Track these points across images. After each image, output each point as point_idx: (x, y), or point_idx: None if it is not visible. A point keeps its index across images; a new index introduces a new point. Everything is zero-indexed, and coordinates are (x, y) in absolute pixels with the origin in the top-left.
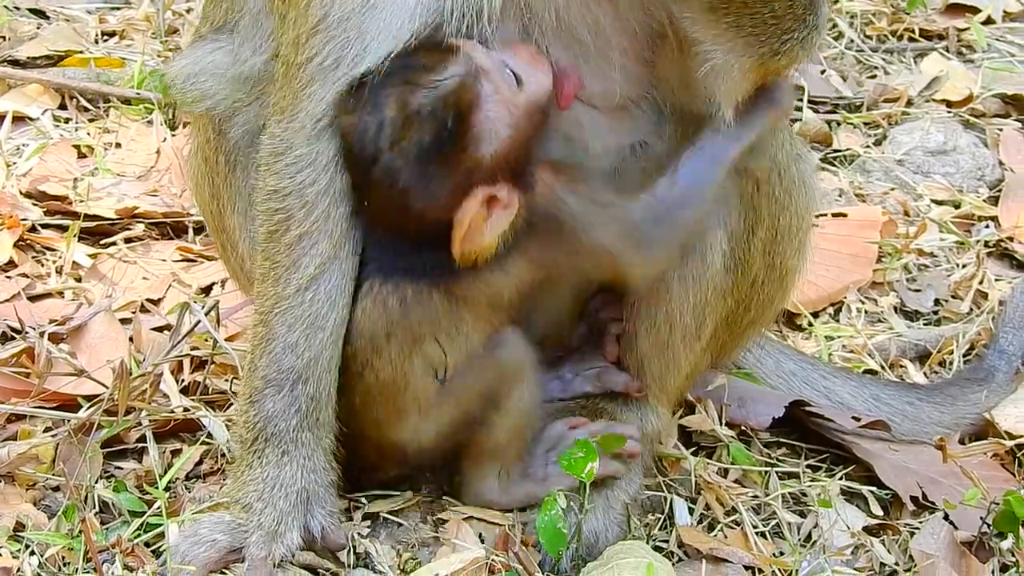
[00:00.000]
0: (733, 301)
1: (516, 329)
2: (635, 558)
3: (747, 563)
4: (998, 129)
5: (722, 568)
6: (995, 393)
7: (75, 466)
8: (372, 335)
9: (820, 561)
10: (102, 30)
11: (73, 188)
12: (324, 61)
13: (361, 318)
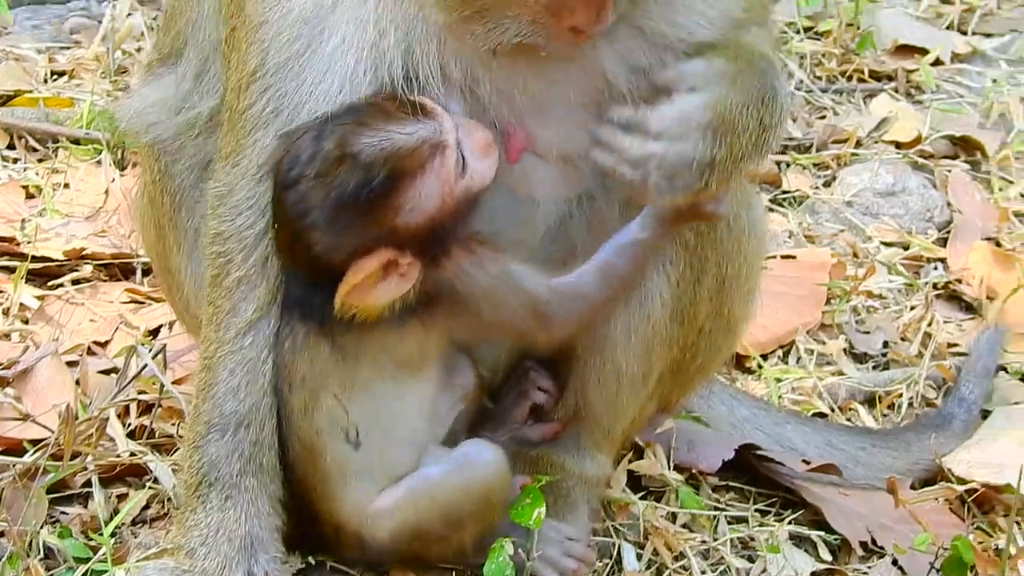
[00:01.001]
0: (679, 349)
1: (490, 439)
2: None
3: None
4: (947, 171)
5: None
6: (950, 439)
7: (20, 511)
8: (279, 384)
9: None
10: (51, 69)
11: (21, 229)
12: (264, 109)
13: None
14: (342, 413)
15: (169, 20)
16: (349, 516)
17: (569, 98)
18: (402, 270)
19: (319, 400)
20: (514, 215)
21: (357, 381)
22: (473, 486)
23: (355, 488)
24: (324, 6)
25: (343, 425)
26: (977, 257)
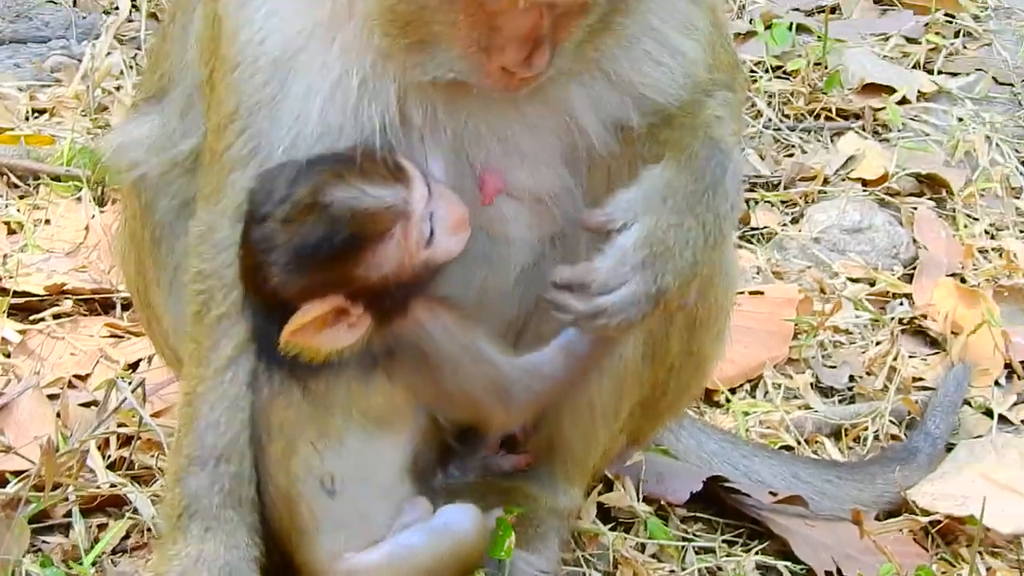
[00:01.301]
0: (650, 386)
1: (469, 507)
2: None
3: None
4: (912, 208)
5: None
6: (915, 472)
7: (1, 541)
8: (258, 430)
9: None
10: (32, 107)
11: (2, 264)
12: (242, 149)
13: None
14: (318, 461)
15: (155, 61)
16: (322, 570)
17: (542, 141)
18: (351, 320)
19: (296, 447)
20: (488, 256)
21: (331, 430)
22: (454, 553)
23: (330, 539)
24: (292, 49)
25: (318, 473)
26: (942, 293)
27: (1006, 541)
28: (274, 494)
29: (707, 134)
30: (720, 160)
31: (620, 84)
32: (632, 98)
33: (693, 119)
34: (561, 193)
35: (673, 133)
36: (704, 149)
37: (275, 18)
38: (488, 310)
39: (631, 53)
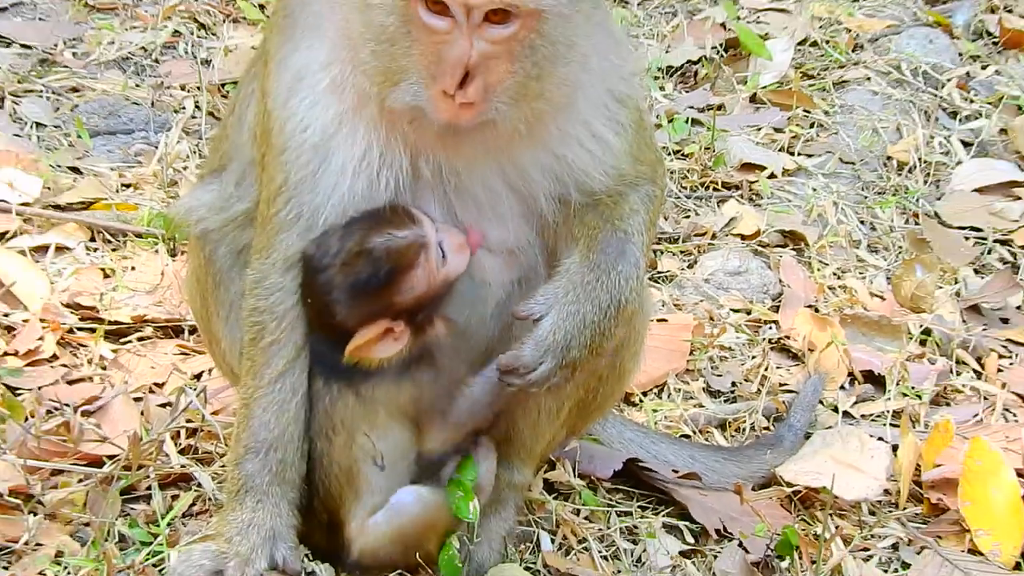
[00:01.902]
0: (584, 392)
1: (411, 489)
2: None
3: None
4: (779, 256)
5: None
6: (781, 455)
7: (100, 508)
8: (323, 428)
9: None
10: (121, 183)
11: (99, 300)
12: (288, 215)
13: (318, 415)
14: (371, 446)
15: (216, 144)
16: (359, 525)
17: (510, 207)
18: (396, 335)
19: (355, 437)
20: (472, 294)
21: (378, 422)
22: (413, 523)
23: (373, 501)
24: (328, 134)
25: (372, 454)
26: (801, 320)
27: (850, 506)
28: (338, 472)
29: (616, 225)
30: (620, 247)
31: (562, 166)
32: (571, 178)
33: (611, 209)
34: (525, 246)
35: (591, 220)
36: (609, 240)
37: (315, 108)
38: (472, 334)
39: (568, 141)
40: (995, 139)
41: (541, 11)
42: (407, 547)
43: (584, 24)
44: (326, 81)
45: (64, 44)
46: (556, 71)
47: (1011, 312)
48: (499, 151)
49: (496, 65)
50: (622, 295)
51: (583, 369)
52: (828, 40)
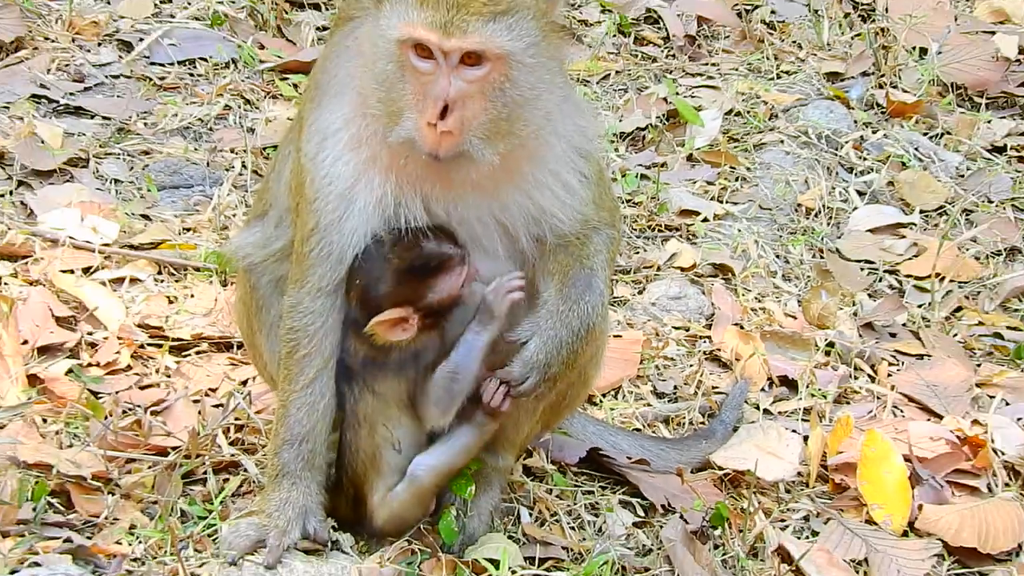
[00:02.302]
0: (556, 395)
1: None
2: (496, 544)
3: (564, 545)
4: (711, 284)
5: (549, 550)
6: (714, 444)
7: (165, 489)
8: (351, 423)
9: (607, 544)
10: (182, 227)
11: (165, 322)
12: (320, 252)
13: (346, 413)
14: (389, 434)
15: (260, 194)
16: (380, 499)
17: (497, 244)
18: (408, 325)
19: (375, 428)
20: (465, 315)
21: (392, 414)
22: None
23: (392, 479)
24: (350, 183)
25: (391, 441)
26: (729, 335)
27: (769, 485)
28: (363, 456)
29: (583, 264)
30: (588, 281)
31: (536, 208)
32: (544, 220)
33: (579, 249)
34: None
35: (563, 259)
36: (578, 275)
37: (338, 163)
38: None
39: (541, 187)
40: (884, 189)
41: (506, 55)
42: (421, 509)
43: (550, 90)
44: (346, 138)
45: (137, 116)
46: (523, 114)
47: (898, 328)
48: (488, 193)
49: (472, 102)
50: (590, 320)
51: (561, 380)
52: (749, 111)
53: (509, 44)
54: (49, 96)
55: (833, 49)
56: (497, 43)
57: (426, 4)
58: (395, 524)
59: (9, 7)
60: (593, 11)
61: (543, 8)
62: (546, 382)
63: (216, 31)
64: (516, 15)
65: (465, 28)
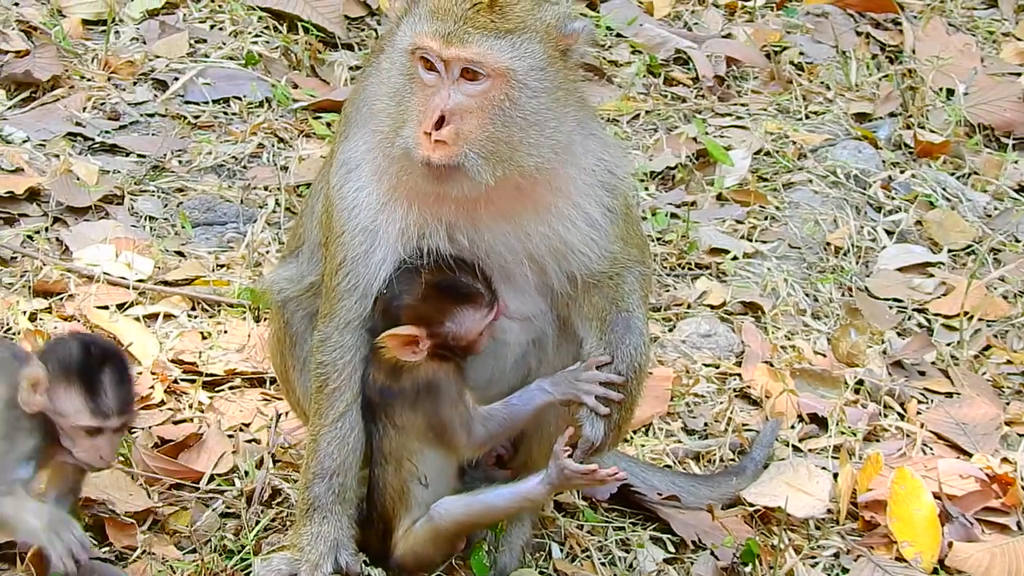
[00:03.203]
0: None
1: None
2: None
3: None
4: (741, 322)
5: None
6: (744, 481)
7: (199, 523)
8: (379, 459)
9: None
10: (216, 264)
11: (199, 357)
12: (348, 285)
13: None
14: (414, 468)
15: (294, 230)
16: (400, 532)
17: (527, 281)
18: (418, 348)
19: (401, 463)
20: (492, 351)
21: (414, 448)
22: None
23: (417, 514)
24: (373, 214)
25: (417, 475)
26: (759, 373)
27: (800, 522)
28: (391, 491)
29: (619, 306)
30: (626, 323)
31: (559, 241)
32: (571, 256)
33: (614, 291)
34: (539, 315)
35: (597, 302)
36: (616, 320)
37: (361, 193)
38: (493, 386)
39: (565, 221)
40: (912, 229)
41: (507, 72)
42: (438, 548)
43: (560, 120)
44: (368, 168)
45: (171, 154)
46: (526, 139)
47: (927, 366)
48: (510, 223)
49: (469, 117)
50: (635, 361)
51: (625, 423)
52: (778, 150)
53: (509, 61)
54: (85, 134)
55: (861, 90)
56: (496, 58)
57: (435, 16)
58: (413, 559)
59: (46, 46)
60: (623, 52)
61: (554, 35)
62: (613, 431)
63: (250, 70)
64: (522, 35)
65: (465, 39)
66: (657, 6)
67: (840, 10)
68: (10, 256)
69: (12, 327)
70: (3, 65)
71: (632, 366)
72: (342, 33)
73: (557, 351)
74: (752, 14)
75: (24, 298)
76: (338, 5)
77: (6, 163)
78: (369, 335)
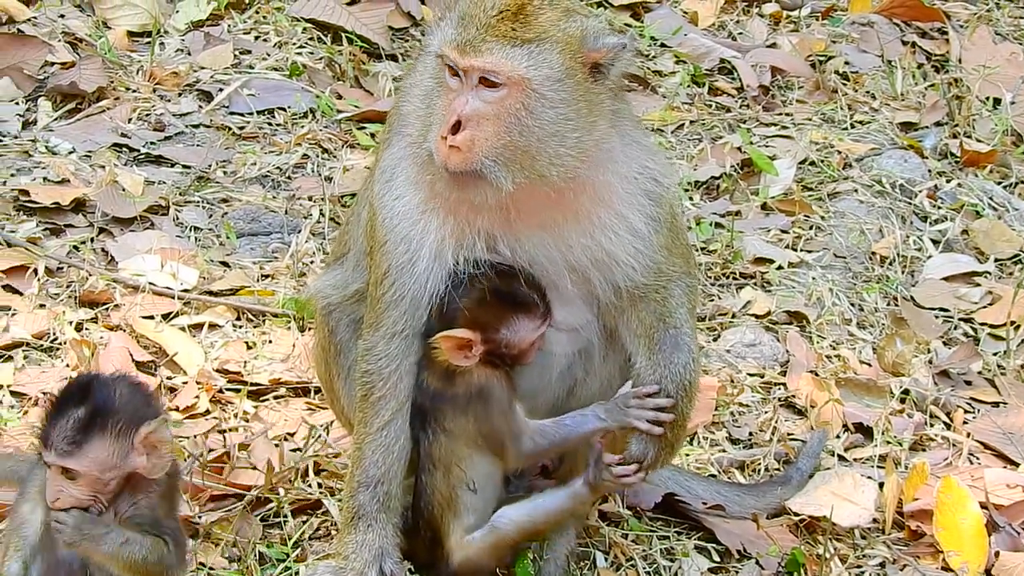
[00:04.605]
0: None
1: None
2: None
3: None
4: (785, 331)
5: None
6: (790, 490)
7: (245, 530)
8: (427, 465)
9: None
10: (261, 274)
11: (244, 367)
12: (392, 296)
13: (421, 456)
14: (463, 474)
15: (340, 238)
16: (458, 540)
17: (573, 291)
18: (471, 353)
19: (450, 469)
20: (541, 361)
21: (463, 455)
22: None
23: (469, 519)
24: (412, 222)
25: (465, 481)
26: (804, 382)
27: (845, 531)
28: (439, 498)
29: (667, 323)
30: (674, 341)
31: (601, 251)
32: (615, 266)
33: (661, 306)
34: (585, 325)
35: (645, 317)
36: (664, 337)
37: (400, 202)
38: (539, 395)
39: (606, 230)
40: (958, 238)
41: (522, 81)
42: (498, 556)
43: (583, 129)
44: (404, 175)
45: (216, 165)
46: (545, 148)
47: (973, 376)
48: (550, 232)
49: (486, 124)
50: (684, 380)
51: (677, 440)
52: (823, 160)
53: (524, 71)
54: (130, 145)
55: (907, 99)
56: (511, 67)
57: (461, 23)
58: (470, 568)
59: (92, 58)
60: (667, 62)
61: (577, 47)
62: (663, 449)
63: (294, 81)
64: (541, 45)
65: (482, 49)
66: (702, 16)
67: (886, 19)
68: (56, 266)
69: (58, 337)
70: (49, 77)
71: (682, 385)
72: (386, 44)
73: (604, 362)
74: (797, 23)
75: (70, 308)
76: (382, 16)
77: (52, 174)
78: (420, 340)
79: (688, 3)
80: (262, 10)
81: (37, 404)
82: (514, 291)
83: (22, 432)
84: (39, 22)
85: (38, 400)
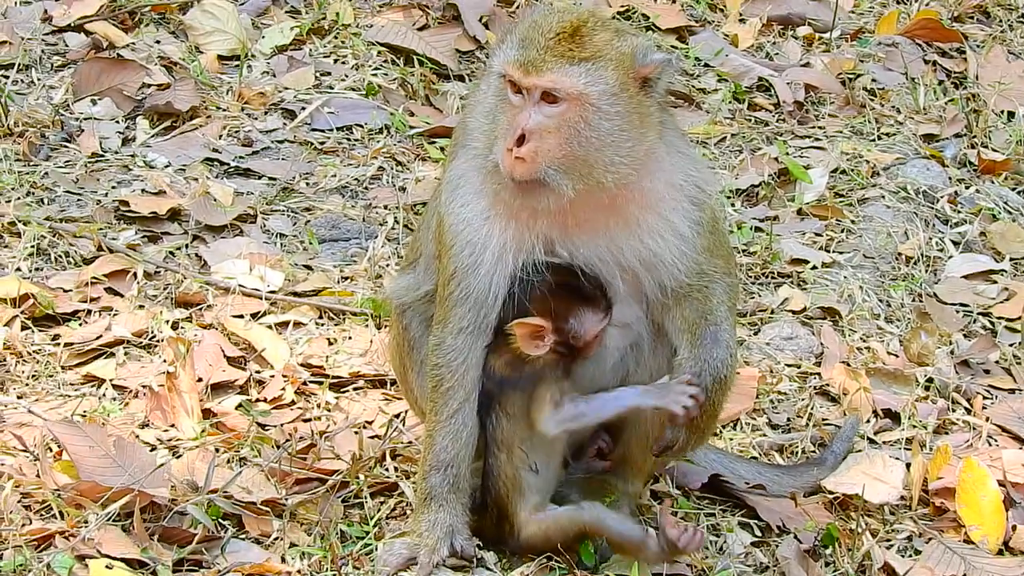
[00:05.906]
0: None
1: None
2: (627, 561)
3: (688, 563)
4: (820, 326)
5: (675, 567)
6: (824, 471)
7: (328, 510)
8: (493, 449)
9: (727, 562)
10: (341, 275)
11: (326, 361)
12: (460, 295)
13: (487, 440)
14: (525, 455)
15: (412, 244)
16: (524, 519)
17: (623, 289)
18: (542, 342)
19: (513, 450)
20: (595, 356)
21: (526, 437)
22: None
23: (533, 498)
24: (476, 227)
25: (528, 462)
26: (837, 372)
27: (875, 507)
28: (504, 477)
29: (708, 320)
30: (714, 336)
31: (648, 254)
32: (660, 266)
33: (703, 304)
34: (635, 321)
35: (688, 315)
36: (705, 333)
37: (466, 209)
38: (594, 386)
39: (653, 233)
40: (976, 240)
41: (581, 96)
42: (562, 538)
43: (636, 140)
44: (470, 185)
45: (300, 177)
46: (602, 157)
47: (991, 365)
48: (603, 236)
49: (549, 136)
50: (721, 373)
51: (708, 428)
52: (853, 169)
53: (583, 87)
54: (221, 159)
55: (929, 113)
56: (570, 84)
57: (521, 45)
58: (539, 541)
59: (185, 80)
60: (711, 80)
61: (629, 64)
62: (695, 435)
63: (371, 100)
64: (596, 63)
65: (543, 68)
66: (741, 38)
67: (909, 40)
68: (154, 271)
69: (156, 335)
70: (147, 97)
71: (718, 378)
72: (454, 65)
73: (653, 354)
74: (828, 45)
75: (167, 308)
76: (450, 40)
77: (150, 186)
78: (486, 335)
79: (729, 27)
80: (341, 35)
81: (136, 396)
82: (580, 285)
83: (124, 423)
84: (137, 47)
85: (138, 393)
